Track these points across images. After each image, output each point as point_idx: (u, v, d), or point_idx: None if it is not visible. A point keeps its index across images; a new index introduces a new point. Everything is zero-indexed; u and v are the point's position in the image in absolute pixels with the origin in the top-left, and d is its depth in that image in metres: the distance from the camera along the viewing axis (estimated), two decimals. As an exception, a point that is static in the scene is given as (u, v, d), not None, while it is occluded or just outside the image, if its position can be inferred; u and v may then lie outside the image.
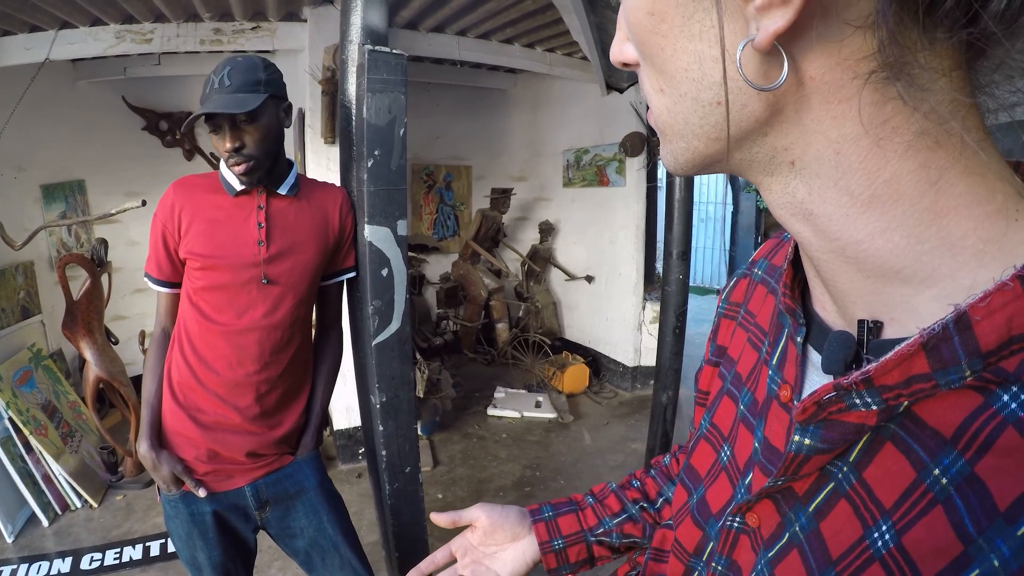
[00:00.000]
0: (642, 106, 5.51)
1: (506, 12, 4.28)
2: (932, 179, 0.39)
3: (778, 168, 0.45)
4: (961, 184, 0.39)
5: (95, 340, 3.63)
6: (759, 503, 0.55)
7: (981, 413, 0.37)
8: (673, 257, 3.81)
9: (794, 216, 0.46)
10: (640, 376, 6.08)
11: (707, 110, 0.43)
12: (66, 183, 5.01)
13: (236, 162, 1.64)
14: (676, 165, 0.50)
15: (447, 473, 4.39)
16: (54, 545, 3.44)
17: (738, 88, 0.41)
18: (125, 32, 3.77)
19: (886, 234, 0.41)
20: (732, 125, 0.43)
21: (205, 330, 1.74)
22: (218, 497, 1.79)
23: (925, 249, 0.40)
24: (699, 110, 0.43)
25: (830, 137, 0.40)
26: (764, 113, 0.41)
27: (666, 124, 0.48)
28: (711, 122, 0.43)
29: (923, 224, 0.40)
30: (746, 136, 0.44)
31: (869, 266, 0.43)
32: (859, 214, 0.41)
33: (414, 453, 2.29)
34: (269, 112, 1.68)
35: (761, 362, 0.63)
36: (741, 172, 0.48)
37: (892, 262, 0.42)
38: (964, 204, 0.39)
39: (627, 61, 0.51)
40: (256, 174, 1.68)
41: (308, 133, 4.13)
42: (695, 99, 0.43)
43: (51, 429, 3.82)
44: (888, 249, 0.41)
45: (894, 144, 0.39)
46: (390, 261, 2.09)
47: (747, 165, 0.47)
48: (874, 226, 0.41)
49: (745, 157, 0.46)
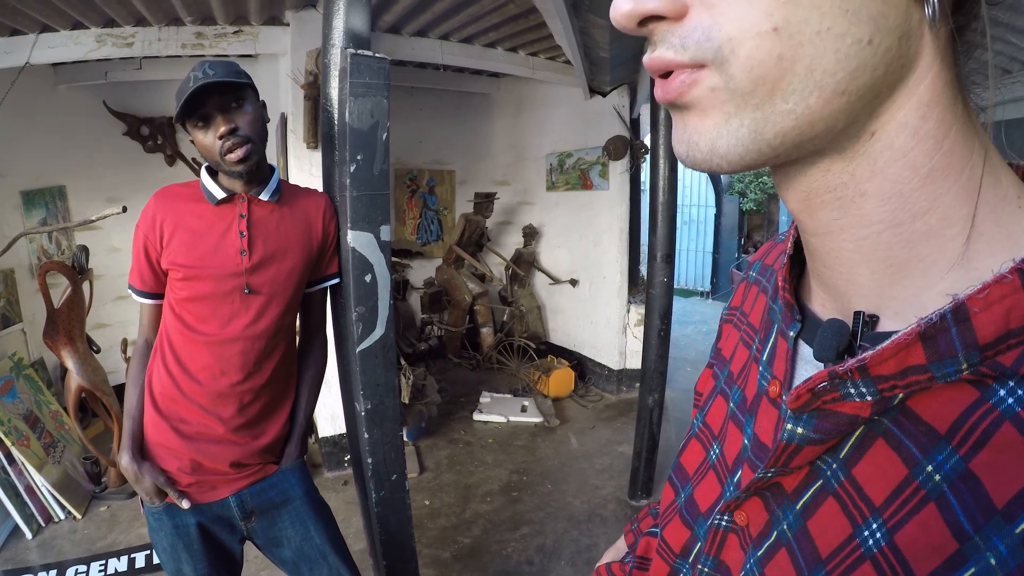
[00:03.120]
0: (625, 110, 5.54)
1: (489, 16, 4.28)
2: (968, 153, 0.39)
3: (856, 141, 0.41)
4: (981, 164, 0.40)
5: (77, 349, 3.58)
6: (748, 500, 0.54)
7: (977, 408, 0.37)
8: (657, 260, 3.82)
9: (838, 200, 0.43)
10: (625, 379, 6.10)
11: (851, 50, 0.36)
12: (46, 189, 4.94)
13: (233, 145, 1.62)
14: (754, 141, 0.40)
15: (434, 479, 4.37)
16: (38, 558, 3.40)
17: (889, 27, 0.36)
18: (106, 36, 3.73)
19: (926, 216, 0.41)
20: (869, 72, 0.37)
21: (188, 340, 1.73)
22: (202, 508, 1.77)
23: (951, 235, 0.40)
24: (841, 50, 0.36)
25: (923, 99, 0.39)
26: (897, 61, 0.37)
27: (769, 78, 0.38)
28: (850, 67, 0.37)
29: (956, 205, 0.40)
30: (868, 91, 0.38)
31: (896, 254, 0.42)
32: (913, 191, 0.40)
33: (400, 460, 2.28)
34: (254, 102, 1.69)
35: (751, 359, 0.63)
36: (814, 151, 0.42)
37: (920, 248, 0.41)
38: (986, 185, 0.40)
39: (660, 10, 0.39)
40: (253, 159, 1.66)
41: (291, 138, 4.11)
42: (840, 35, 0.36)
43: (33, 440, 3.77)
44: (922, 233, 0.41)
45: (958, 108, 0.39)
46: (373, 267, 2.08)
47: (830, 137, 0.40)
48: (920, 206, 0.40)
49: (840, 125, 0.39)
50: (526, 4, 3.91)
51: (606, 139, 5.66)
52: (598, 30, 4.00)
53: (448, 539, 3.60)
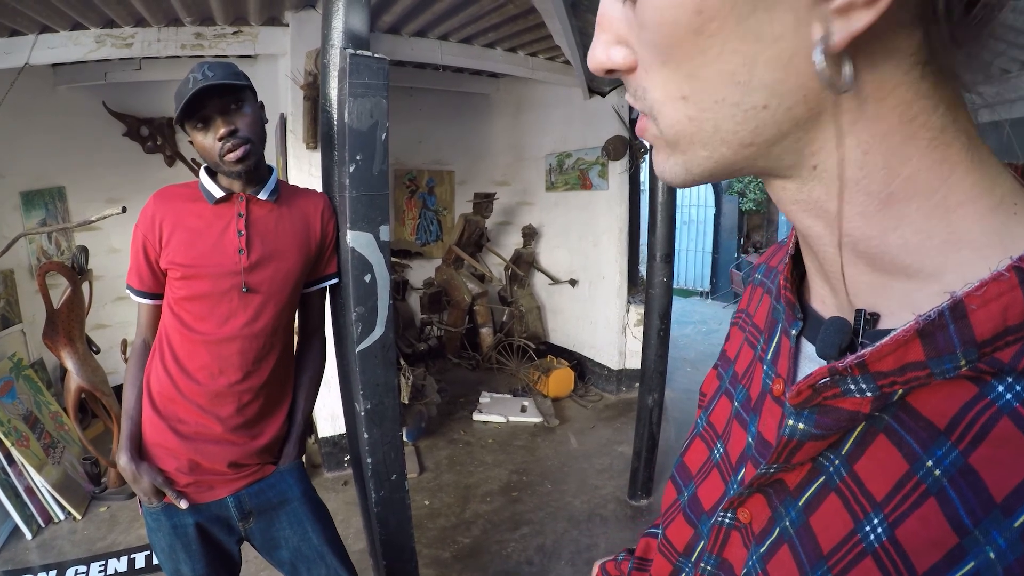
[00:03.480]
0: (624, 110, 5.54)
1: (488, 16, 4.28)
2: (945, 175, 0.40)
3: (799, 171, 0.44)
4: (969, 179, 0.40)
5: (76, 349, 3.58)
6: (751, 497, 0.54)
7: (976, 403, 0.37)
8: (656, 260, 3.83)
9: (807, 212, 0.46)
10: (625, 379, 6.10)
11: (747, 115, 0.40)
12: (46, 190, 4.95)
13: (233, 146, 1.63)
14: (688, 176, 0.47)
15: (434, 479, 4.37)
16: (38, 558, 3.40)
17: (786, 91, 0.39)
18: (106, 36, 3.73)
19: (898, 230, 0.41)
20: (772, 128, 0.41)
21: (186, 340, 1.73)
22: (200, 509, 1.77)
23: (933, 244, 0.40)
24: (737, 115, 0.41)
25: (861, 138, 0.40)
26: (805, 115, 0.40)
27: (685, 133, 0.44)
28: (749, 127, 0.41)
29: (934, 219, 0.40)
30: (779, 141, 0.42)
31: (878, 261, 0.43)
32: (875, 212, 0.42)
33: (400, 460, 2.28)
34: (252, 103, 1.70)
35: (756, 359, 0.63)
36: (755, 174, 0.47)
37: (901, 258, 0.42)
38: (971, 198, 0.40)
39: (615, 67, 0.47)
40: (252, 159, 1.67)
41: (290, 138, 4.11)
42: (735, 104, 0.40)
43: (33, 440, 3.77)
44: (899, 245, 0.41)
45: (919, 141, 0.39)
46: (373, 267, 2.08)
47: (767, 170, 0.45)
48: (888, 223, 0.41)
49: (769, 163, 0.44)
50: (525, 4, 3.91)
51: (605, 139, 5.66)
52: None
53: (448, 539, 3.61)
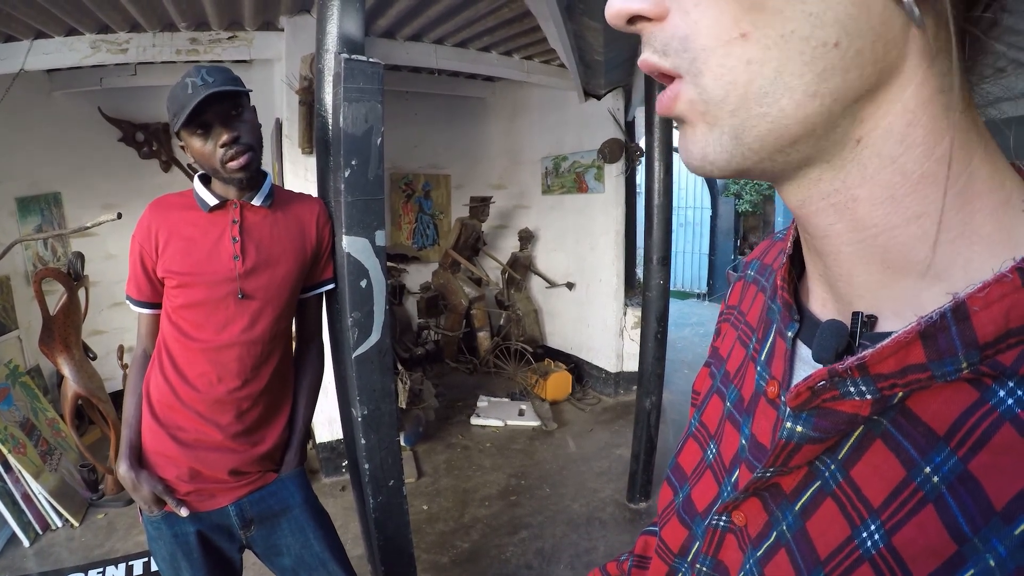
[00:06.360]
0: (619, 112, 5.54)
1: (483, 20, 4.28)
2: (968, 159, 0.39)
3: (842, 149, 0.41)
4: (984, 169, 0.39)
5: (73, 356, 3.58)
6: (746, 501, 0.54)
7: (977, 409, 0.37)
8: (653, 262, 3.83)
9: (833, 207, 0.44)
10: (623, 382, 6.11)
11: (816, 53, 0.37)
12: (42, 196, 4.93)
13: (236, 153, 1.62)
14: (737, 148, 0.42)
15: (432, 484, 4.37)
16: (35, 566, 3.38)
17: (858, 30, 0.36)
18: (101, 42, 3.73)
19: (920, 219, 0.40)
20: (838, 75, 0.37)
21: (185, 347, 1.73)
22: (201, 517, 1.76)
23: (948, 238, 0.40)
24: (805, 53, 0.37)
25: (908, 105, 0.39)
26: (870, 64, 0.37)
27: (739, 84, 0.39)
28: (816, 69, 0.37)
29: (952, 210, 0.39)
30: (842, 94, 0.38)
31: (892, 256, 0.42)
32: (905, 195, 0.40)
33: (397, 465, 2.27)
34: (249, 108, 1.71)
35: (748, 359, 0.63)
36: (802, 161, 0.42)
37: (916, 251, 0.41)
38: (987, 191, 0.39)
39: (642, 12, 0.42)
40: (254, 166, 1.68)
41: (286, 143, 4.11)
42: (804, 38, 0.36)
43: (30, 447, 3.76)
44: (918, 236, 0.41)
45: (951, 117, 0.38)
46: (368, 272, 2.08)
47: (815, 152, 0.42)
48: (913, 210, 0.40)
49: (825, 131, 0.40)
50: (520, 8, 3.91)
51: (601, 142, 5.66)
52: (592, 33, 4.01)
53: (446, 544, 3.60)
